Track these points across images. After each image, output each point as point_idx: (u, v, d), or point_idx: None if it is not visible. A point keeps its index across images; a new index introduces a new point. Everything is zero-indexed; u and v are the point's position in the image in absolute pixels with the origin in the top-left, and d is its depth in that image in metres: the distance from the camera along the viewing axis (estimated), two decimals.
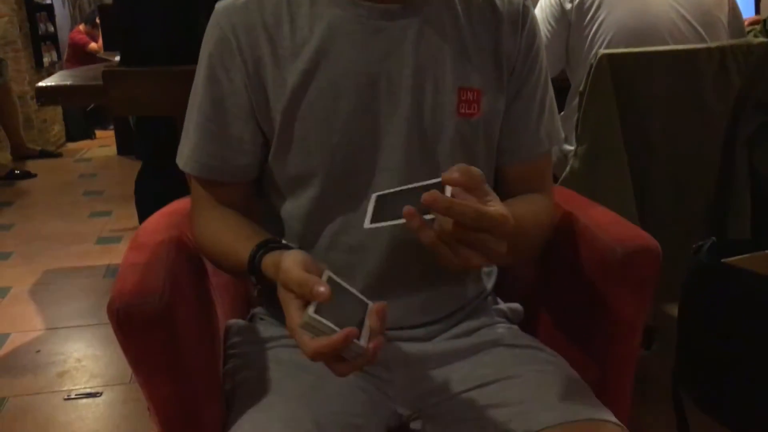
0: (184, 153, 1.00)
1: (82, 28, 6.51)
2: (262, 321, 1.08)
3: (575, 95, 1.76)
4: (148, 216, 1.12)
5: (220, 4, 0.96)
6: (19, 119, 5.28)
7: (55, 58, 6.26)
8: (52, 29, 6.28)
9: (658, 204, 1.68)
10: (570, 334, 1.09)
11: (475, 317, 1.05)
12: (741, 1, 2.04)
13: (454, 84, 0.95)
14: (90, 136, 6.27)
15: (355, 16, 0.93)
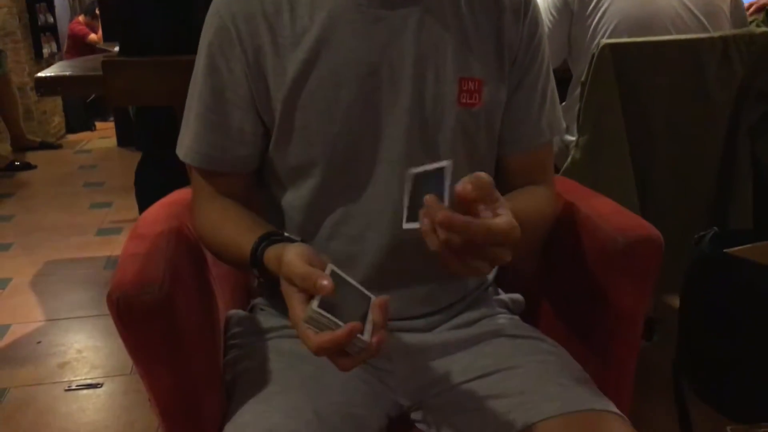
0: (184, 143, 0.99)
1: (81, 19, 6.49)
2: (263, 312, 1.08)
3: (577, 85, 1.75)
4: (149, 207, 1.11)
5: None
6: (19, 110, 5.27)
7: (54, 50, 6.24)
8: (51, 20, 6.25)
9: (659, 194, 1.68)
10: (571, 325, 1.09)
11: (475, 308, 1.05)
12: None
13: (455, 74, 0.94)
14: (90, 128, 6.26)
15: (356, 5, 0.92)
